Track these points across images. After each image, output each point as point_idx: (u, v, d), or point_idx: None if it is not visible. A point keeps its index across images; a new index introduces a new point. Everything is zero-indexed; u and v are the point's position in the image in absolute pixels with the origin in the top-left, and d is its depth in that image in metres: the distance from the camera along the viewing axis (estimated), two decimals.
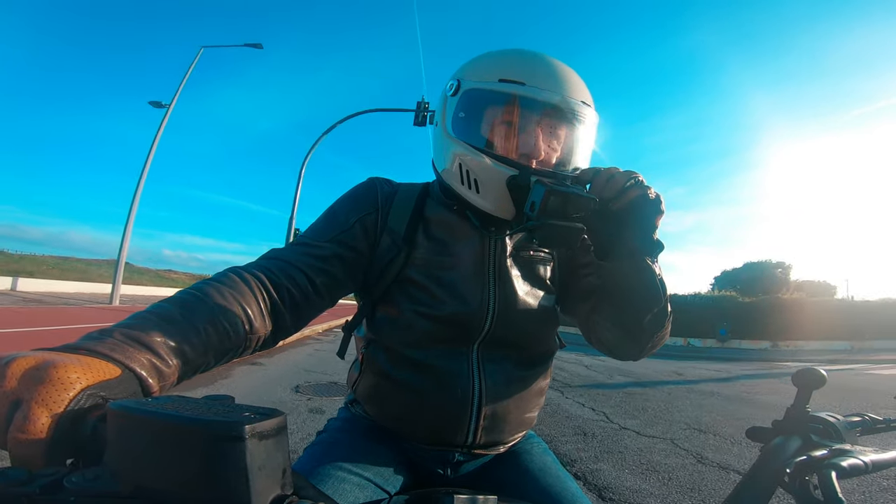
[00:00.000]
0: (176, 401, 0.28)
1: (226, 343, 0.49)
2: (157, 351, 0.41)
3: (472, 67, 0.67)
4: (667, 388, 6.06)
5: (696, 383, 6.81)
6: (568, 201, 0.55)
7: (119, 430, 0.27)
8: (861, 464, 0.37)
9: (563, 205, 0.54)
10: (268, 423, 0.26)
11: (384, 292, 0.69)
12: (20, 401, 0.31)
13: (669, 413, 4.38)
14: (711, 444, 3.30)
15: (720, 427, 3.86)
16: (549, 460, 0.74)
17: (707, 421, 4.06)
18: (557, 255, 0.75)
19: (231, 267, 0.58)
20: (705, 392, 5.92)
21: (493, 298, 0.67)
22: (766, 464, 0.39)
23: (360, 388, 0.74)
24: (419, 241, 0.70)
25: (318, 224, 0.69)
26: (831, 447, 0.39)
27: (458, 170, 0.65)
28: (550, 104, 0.62)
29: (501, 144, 0.63)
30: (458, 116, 0.66)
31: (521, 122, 0.62)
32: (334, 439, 0.69)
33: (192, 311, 0.47)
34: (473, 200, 0.65)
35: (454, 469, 0.71)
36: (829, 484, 0.34)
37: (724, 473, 2.67)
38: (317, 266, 0.63)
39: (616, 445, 3.17)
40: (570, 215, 0.55)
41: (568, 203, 0.55)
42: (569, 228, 0.56)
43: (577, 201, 0.55)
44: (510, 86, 0.62)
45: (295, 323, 0.61)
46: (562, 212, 0.55)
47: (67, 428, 0.31)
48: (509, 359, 0.69)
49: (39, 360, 0.32)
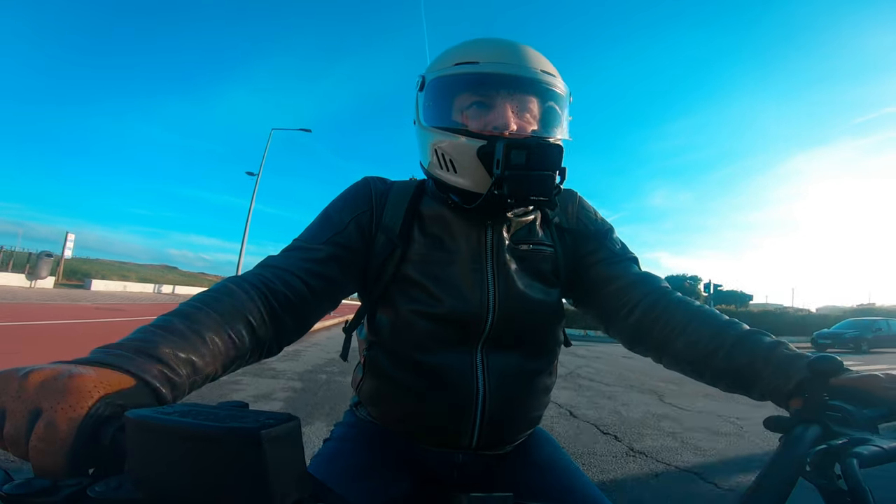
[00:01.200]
0: (192, 408, 0.28)
1: (232, 352, 0.50)
2: (168, 362, 0.41)
3: (433, 62, 0.70)
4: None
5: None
6: (530, 151, 0.56)
7: (138, 439, 0.27)
8: (883, 451, 0.36)
9: (527, 157, 0.56)
10: (283, 427, 0.27)
11: (382, 292, 0.69)
12: (40, 411, 0.31)
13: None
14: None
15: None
16: (559, 455, 0.73)
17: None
18: (561, 246, 0.74)
19: (228, 278, 0.58)
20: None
21: (492, 293, 0.66)
22: (786, 453, 0.39)
23: (363, 391, 0.73)
24: (415, 237, 0.69)
25: (313, 226, 0.68)
26: (851, 436, 0.38)
27: (435, 155, 0.66)
28: (508, 76, 0.63)
29: (471, 124, 0.64)
30: (427, 107, 0.68)
31: (484, 99, 0.64)
32: (339, 448, 0.69)
33: (196, 323, 0.47)
34: (454, 182, 0.65)
35: (460, 470, 0.70)
36: (852, 472, 0.33)
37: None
38: (313, 270, 0.63)
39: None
40: (535, 166, 0.57)
41: (531, 153, 0.56)
42: (536, 176, 0.57)
43: (539, 150, 0.56)
44: (465, 66, 0.64)
45: (297, 328, 0.61)
46: (526, 163, 0.56)
47: (87, 437, 0.31)
48: (513, 356, 0.68)
49: (56, 371, 0.33)
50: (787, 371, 0.53)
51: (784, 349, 0.55)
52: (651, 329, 0.66)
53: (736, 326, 0.60)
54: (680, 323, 0.64)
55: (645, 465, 2.75)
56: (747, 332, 0.59)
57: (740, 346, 0.58)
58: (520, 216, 0.71)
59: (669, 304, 0.66)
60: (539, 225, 0.74)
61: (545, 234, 0.73)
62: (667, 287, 0.70)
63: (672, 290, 0.69)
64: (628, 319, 0.69)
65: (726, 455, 3.05)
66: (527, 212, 0.73)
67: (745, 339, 0.58)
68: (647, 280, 0.70)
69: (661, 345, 0.66)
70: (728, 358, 0.58)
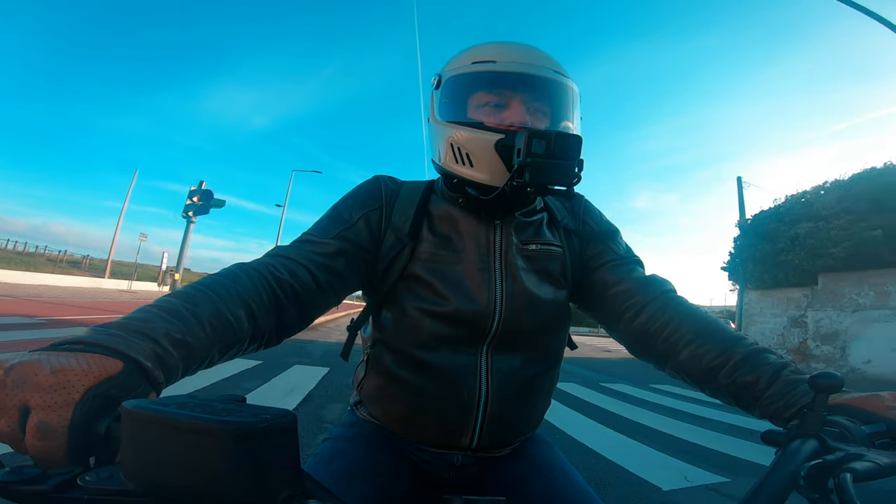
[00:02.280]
0: (188, 401, 0.28)
1: (230, 338, 0.50)
2: (161, 342, 0.41)
3: (450, 61, 0.71)
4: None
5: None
6: (551, 141, 0.57)
7: (132, 430, 0.27)
8: (877, 467, 0.36)
9: (547, 146, 0.57)
10: (278, 423, 0.27)
11: (389, 290, 0.69)
12: (28, 408, 0.31)
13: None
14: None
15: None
16: (555, 457, 0.73)
17: None
18: (569, 248, 0.74)
19: (236, 263, 0.58)
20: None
21: (500, 293, 0.66)
22: (781, 467, 0.39)
23: (364, 389, 0.73)
24: (424, 236, 0.69)
25: (323, 221, 0.69)
26: (847, 451, 0.38)
27: (451, 149, 0.66)
28: (523, 75, 0.64)
29: (487, 121, 0.65)
30: (443, 104, 0.69)
31: (500, 98, 0.65)
32: (337, 448, 0.69)
33: (196, 305, 0.47)
34: (470, 175, 0.65)
35: (459, 471, 0.70)
36: (845, 487, 0.33)
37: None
38: (321, 263, 0.63)
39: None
40: (556, 155, 0.57)
41: (552, 143, 0.57)
42: (557, 164, 0.58)
43: (560, 140, 0.57)
44: (483, 65, 0.66)
45: (300, 320, 0.61)
46: (547, 152, 0.57)
47: (81, 429, 0.31)
48: (517, 358, 0.68)
49: (37, 363, 0.32)
50: (789, 395, 0.53)
51: (789, 371, 0.55)
52: (656, 336, 0.66)
53: (743, 342, 0.60)
54: (686, 334, 0.63)
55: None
56: (754, 350, 0.59)
57: (745, 364, 0.57)
58: (527, 216, 0.72)
59: (677, 311, 0.66)
60: (547, 226, 0.74)
61: (553, 234, 0.73)
62: (673, 291, 0.70)
63: (679, 295, 0.69)
64: (633, 323, 0.68)
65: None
66: (535, 212, 0.73)
67: (750, 358, 0.58)
68: (653, 283, 0.70)
69: (666, 354, 0.66)
70: (731, 375, 0.58)
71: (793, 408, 0.52)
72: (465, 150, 0.64)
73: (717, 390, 0.61)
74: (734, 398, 0.59)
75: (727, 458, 3.19)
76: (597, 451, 3.13)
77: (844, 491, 0.33)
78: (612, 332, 0.74)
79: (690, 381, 0.64)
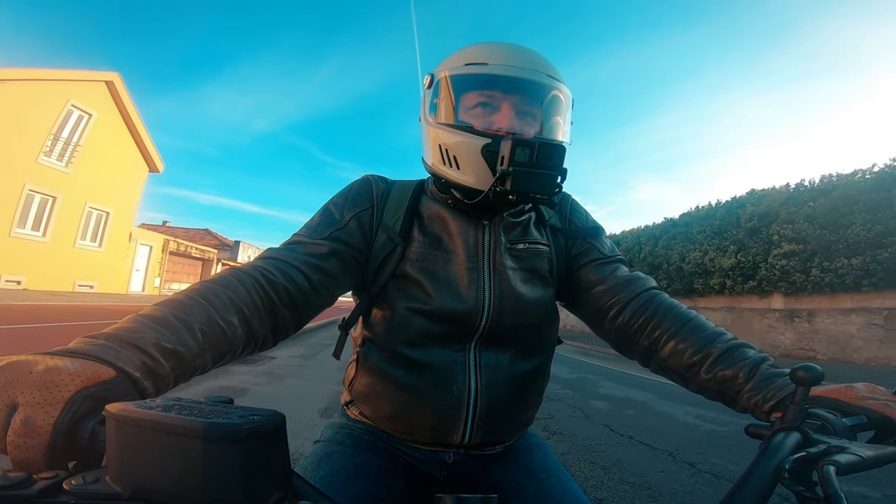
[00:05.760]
0: (175, 403, 0.28)
1: (223, 344, 0.49)
2: (150, 353, 0.40)
3: (443, 62, 0.71)
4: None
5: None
6: (535, 150, 0.57)
7: (118, 433, 0.26)
8: (860, 459, 0.36)
9: (531, 155, 0.57)
10: (266, 424, 0.26)
11: (380, 290, 0.69)
12: (16, 405, 0.31)
13: None
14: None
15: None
16: (549, 460, 0.74)
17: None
18: (555, 246, 0.75)
19: (229, 268, 0.58)
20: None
21: (488, 292, 0.67)
22: (765, 460, 0.39)
23: (355, 387, 0.73)
24: (415, 236, 0.69)
25: (314, 222, 0.69)
26: (830, 443, 0.39)
27: (439, 150, 0.66)
28: (514, 79, 0.64)
29: (476, 124, 0.65)
30: (433, 104, 0.69)
31: (491, 100, 0.65)
32: (328, 451, 0.69)
33: (186, 313, 0.47)
34: (456, 178, 0.65)
35: (450, 470, 0.71)
36: (829, 479, 0.33)
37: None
38: (314, 264, 0.63)
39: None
40: (540, 165, 0.57)
41: (536, 153, 0.57)
42: (539, 175, 0.58)
43: (544, 149, 0.57)
44: (475, 67, 0.65)
45: (294, 322, 0.61)
46: (530, 161, 0.57)
47: (66, 431, 0.31)
48: (506, 355, 0.68)
49: (32, 363, 0.32)
50: (768, 388, 0.54)
51: (768, 365, 0.57)
52: (639, 333, 0.67)
53: (723, 338, 0.61)
54: (668, 330, 0.64)
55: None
56: (733, 344, 0.60)
57: (724, 358, 0.59)
58: (516, 216, 0.72)
59: (658, 308, 0.67)
60: (535, 225, 0.75)
61: (541, 233, 0.74)
62: (656, 289, 0.71)
63: (661, 293, 0.70)
64: (616, 320, 0.70)
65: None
66: (523, 212, 0.74)
67: (729, 353, 0.59)
68: (636, 281, 0.71)
69: (648, 351, 0.67)
70: (712, 369, 0.59)
71: (771, 401, 0.53)
72: (452, 153, 0.65)
73: (700, 385, 0.62)
74: (717, 393, 0.60)
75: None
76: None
77: (828, 483, 0.33)
78: (596, 330, 0.75)
79: (674, 376, 0.65)
